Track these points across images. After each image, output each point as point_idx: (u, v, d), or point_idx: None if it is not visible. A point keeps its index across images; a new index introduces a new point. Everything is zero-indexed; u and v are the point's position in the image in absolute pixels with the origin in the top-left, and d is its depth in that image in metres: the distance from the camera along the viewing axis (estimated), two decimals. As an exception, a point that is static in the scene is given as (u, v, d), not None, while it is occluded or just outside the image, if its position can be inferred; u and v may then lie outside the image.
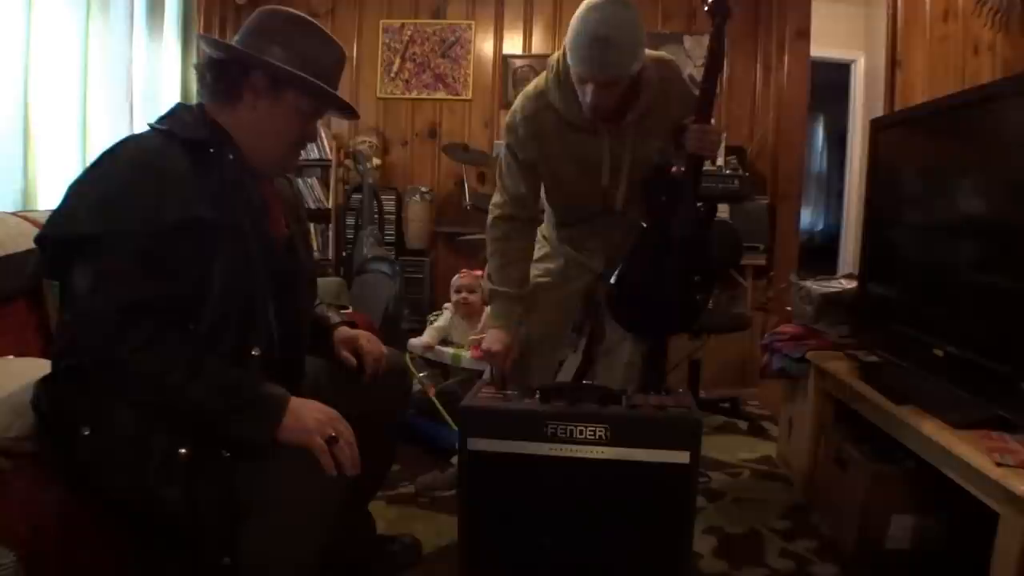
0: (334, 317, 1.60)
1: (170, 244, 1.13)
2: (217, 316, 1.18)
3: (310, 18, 1.34)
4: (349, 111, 1.42)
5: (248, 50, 1.27)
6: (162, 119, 1.28)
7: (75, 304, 1.14)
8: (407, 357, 2.51)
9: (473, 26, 4.42)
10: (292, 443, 1.12)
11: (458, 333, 2.77)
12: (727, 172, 3.91)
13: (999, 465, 1.29)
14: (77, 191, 1.17)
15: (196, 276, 1.17)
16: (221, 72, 1.28)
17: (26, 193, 2.29)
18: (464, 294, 2.77)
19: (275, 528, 1.12)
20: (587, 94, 1.70)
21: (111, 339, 1.09)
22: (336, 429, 1.15)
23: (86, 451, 1.13)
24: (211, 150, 1.24)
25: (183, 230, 1.14)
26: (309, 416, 1.14)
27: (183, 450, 1.11)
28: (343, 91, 1.40)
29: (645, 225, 1.92)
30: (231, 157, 1.26)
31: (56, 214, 1.18)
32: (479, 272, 2.89)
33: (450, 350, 2.71)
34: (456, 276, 2.85)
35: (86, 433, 1.13)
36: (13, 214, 1.85)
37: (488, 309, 2.14)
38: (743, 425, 3.03)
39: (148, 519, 1.15)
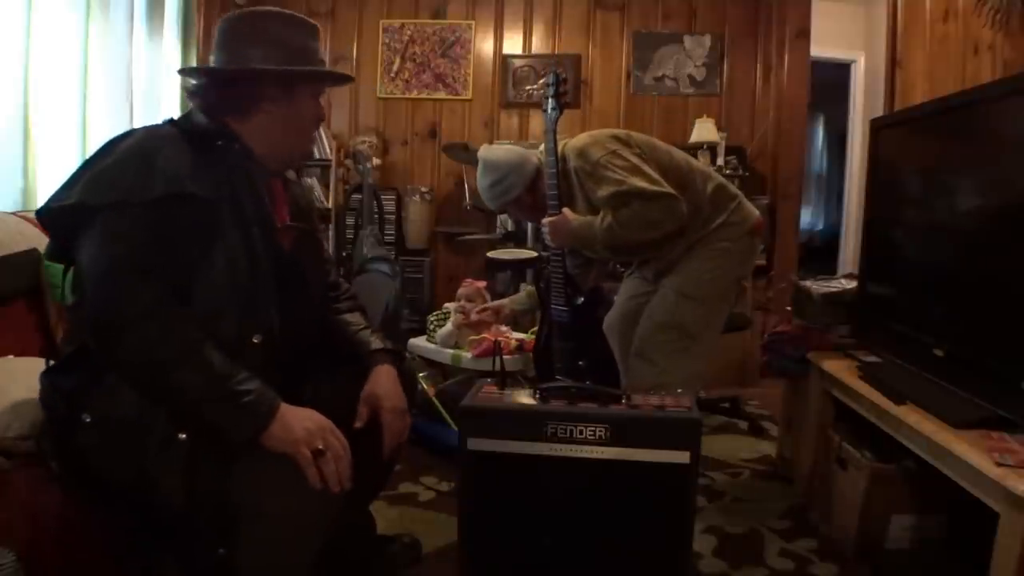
0: (375, 342, 1.48)
1: (164, 215, 1.13)
2: (218, 298, 1.18)
3: (269, 7, 1.35)
4: (348, 79, 1.57)
5: (240, 62, 1.28)
6: (180, 118, 1.32)
7: (79, 273, 1.15)
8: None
9: (473, 26, 4.42)
10: (278, 451, 1.11)
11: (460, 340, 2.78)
12: (727, 172, 3.91)
13: (999, 465, 1.29)
14: (80, 168, 1.20)
15: (197, 255, 1.17)
16: (231, 91, 1.29)
17: (26, 193, 2.29)
18: (463, 302, 2.79)
19: (266, 539, 1.12)
20: None
21: (116, 301, 1.10)
22: (326, 441, 1.13)
23: (87, 437, 1.13)
24: (219, 143, 1.26)
25: (175, 204, 1.14)
26: (298, 425, 1.12)
27: (183, 435, 1.11)
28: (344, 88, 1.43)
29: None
30: (237, 147, 1.27)
31: (57, 190, 1.20)
32: (482, 283, 2.90)
33: (450, 350, 2.74)
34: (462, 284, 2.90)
35: (87, 420, 1.13)
36: (13, 214, 1.85)
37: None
38: (743, 425, 3.02)
39: (146, 508, 1.15)
